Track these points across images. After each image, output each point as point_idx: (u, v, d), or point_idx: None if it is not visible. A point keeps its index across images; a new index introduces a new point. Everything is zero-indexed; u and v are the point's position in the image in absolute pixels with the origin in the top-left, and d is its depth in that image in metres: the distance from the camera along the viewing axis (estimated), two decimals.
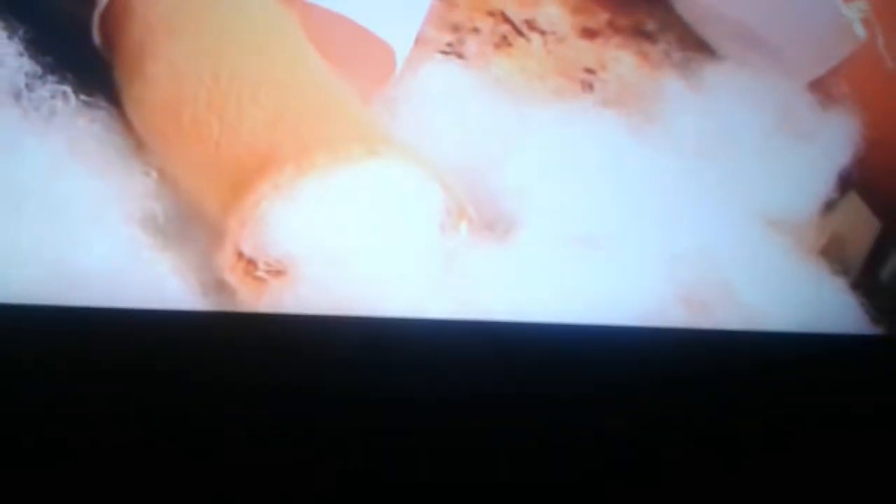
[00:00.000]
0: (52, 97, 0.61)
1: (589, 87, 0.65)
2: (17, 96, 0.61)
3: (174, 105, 0.58)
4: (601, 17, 0.66)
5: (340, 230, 0.57)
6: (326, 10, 0.62)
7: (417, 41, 0.65)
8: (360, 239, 0.57)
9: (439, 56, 0.66)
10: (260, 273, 0.56)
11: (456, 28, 0.66)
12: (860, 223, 0.69)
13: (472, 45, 0.66)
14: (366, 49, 0.63)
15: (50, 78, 0.61)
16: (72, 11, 0.64)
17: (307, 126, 0.57)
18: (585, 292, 0.61)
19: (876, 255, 0.69)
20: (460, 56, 0.66)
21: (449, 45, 0.66)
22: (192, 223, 0.60)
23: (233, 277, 0.56)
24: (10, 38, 0.61)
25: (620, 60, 0.66)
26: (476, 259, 0.59)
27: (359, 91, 0.61)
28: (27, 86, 0.61)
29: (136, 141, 0.61)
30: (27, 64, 0.61)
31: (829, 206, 0.67)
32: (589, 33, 0.66)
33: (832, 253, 0.67)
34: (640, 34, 0.67)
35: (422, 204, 0.58)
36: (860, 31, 0.65)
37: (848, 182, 0.67)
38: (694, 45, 0.67)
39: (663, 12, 0.68)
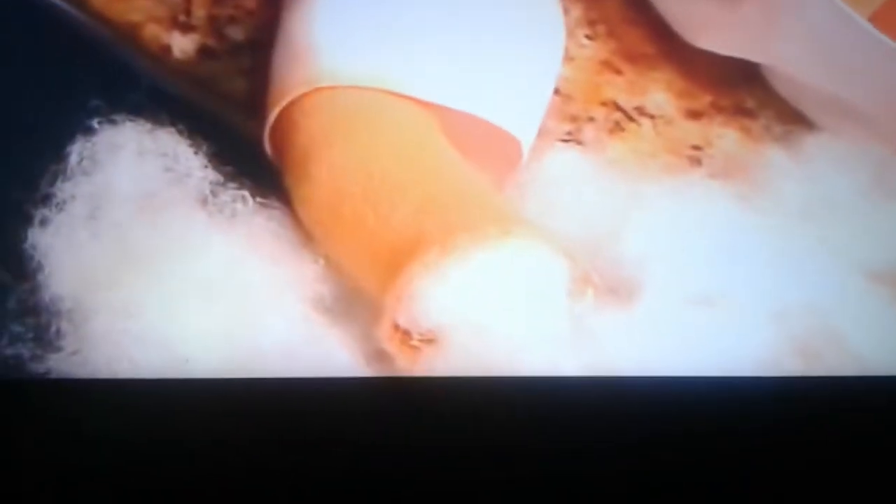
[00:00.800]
0: (234, 201, 0.68)
1: (697, 162, 0.71)
2: (204, 202, 0.69)
3: (335, 202, 0.65)
4: (704, 100, 0.72)
5: (482, 302, 0.63)
6: (459, 111, 0.69)
7: (540, 132, 0.71)
8: (499, 308, 0.63)
9: (560, 144, 0.71)
10: (414, 342, 0.63)
11: (574, 118, 0.71)
12: None
13: (588, 132, 0.72)
14: (495, 142, 0.70)
15: (230, 185, 0.68)
16: (246, 128, 0.73)
17: (449, 213, 0.64)
18: (704, 348, 0.65)
19: None
20: (579, 143, 0.71)
21: (568, 133, 0.71)
22: (354, 302, 0.66)
23: (391, 347, 0.63)
24: (196, 153, 0.69)
25: (725, 136, 0.71)
26: (602, 321, 0.65)
27: (491, 179, 0.67)
28: (212, 192, 0.68)
29: (305, 234, 0.68)
30: (211, 174, 0.69)
31: None
32: (694, 114, 0.71)
33: None
34: (742, 111, 0.72)
35: (551, 275, 0.64)
36: None
37: None
38: (792, 119, 0.72)
39: (762, 90, 0.73)
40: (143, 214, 0.69)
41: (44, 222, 0.68)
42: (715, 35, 0.70)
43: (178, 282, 0.66)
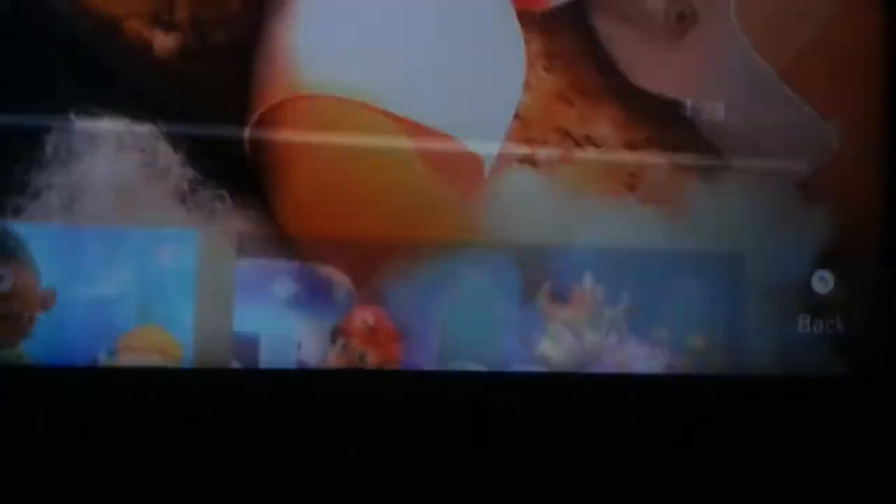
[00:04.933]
0: (212, 199, 0.73)
1: (632, 187, 0.80)
2: (183, 198, 0.73)
3: (311, 203, 0.71)
4: (641, 133, 0.80)
5: (443, 302, 0.71)
6: (428, 127, 0.75)
7: (500, 153, 0.77)
8: (457, 307, 0.72)
9: (517, 164, 0.78)
10: (380, 337, 0.71)
11: (530, 141, 0.78)
12: None
13: (542, 154, 0.78)
14: (460, 157, 0.76)
15: (210, 183, 0.73)
16: (225, 128, 0.75)
17: (416, 222, 0.72)
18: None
19: None
20: (533, 164, 0.78)
21: (525, 155, 0.78)
22: (326, 297, 0.73)
23: (360, 340, 0.71)
24: (175, 150, 0.73)
25: (655, 166, 0.79)
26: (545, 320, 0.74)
27: (455, 191, 0.74)
28: (190, 189, 0.73)
29: (280, 232, 0.73)
30: (190, 172, 0.73)
31: None
32: (631, 145, 0.81)
33: None
34: (671, 146, 0.80)
35: (505, 280, 0.73)
36: (835, 142, 0.80)
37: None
38: (709, 154, 0.81)
39: (686, 129, 0.81)
40: (120, 207, 0.72)
41: (16, 211, 0.71)
42: (650, 76, 0.79)
43: (155, 274, 0.71)
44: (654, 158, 0.79)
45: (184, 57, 0.74)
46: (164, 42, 0.74)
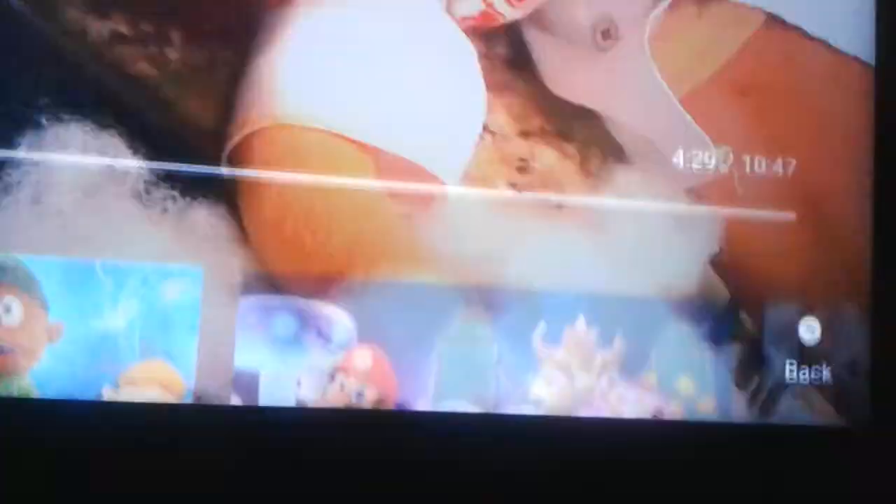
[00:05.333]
0: (164, 199, 0.77)
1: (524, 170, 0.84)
2: (139, 198, 0.78)
3: (279, 221, 0.77)
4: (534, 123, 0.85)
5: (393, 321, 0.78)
6: (395, 155, 0.80)
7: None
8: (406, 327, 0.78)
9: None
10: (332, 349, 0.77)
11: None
12: None
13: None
14: (424, 182, 0.81)
15: (163, 184, 0.77)
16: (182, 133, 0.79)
17: (374, 246, 0.78)
18: None
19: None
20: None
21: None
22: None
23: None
24: (133, 154, 0.78)
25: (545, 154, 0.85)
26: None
27: (415, 213, 0.80)
28: (146, 190, 0.77)
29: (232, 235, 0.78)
30: (146, 174, 0.77)
31: None
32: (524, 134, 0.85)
33: None
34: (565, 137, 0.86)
35: (448, 303, 0.79)
36: (723, 167, 0.87)
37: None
38: (611, 156, 0.86)
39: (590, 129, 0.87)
40: (84, 205, 0.77)
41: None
42: (570, 88, 0.86)
43: (114, 266, 0.76)
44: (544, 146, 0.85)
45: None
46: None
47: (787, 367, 0.86)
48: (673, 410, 0.83)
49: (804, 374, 0.86)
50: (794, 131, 0.88)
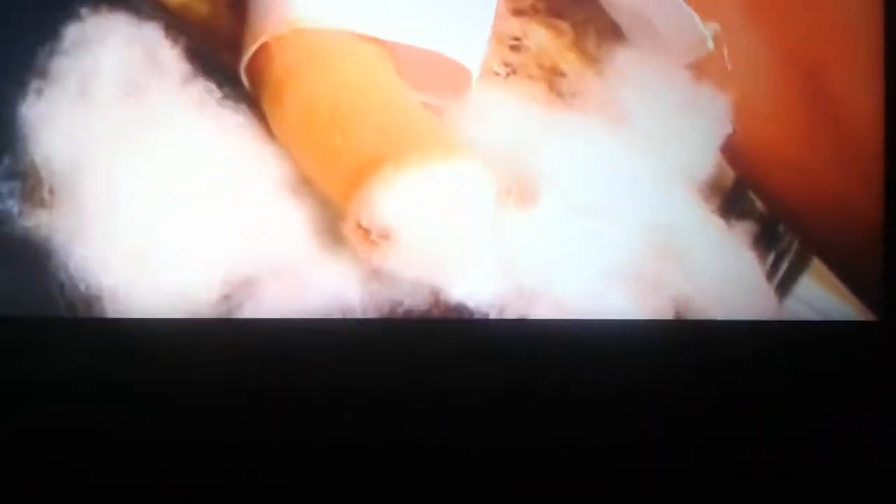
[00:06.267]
0: (203, 92, 0.81)
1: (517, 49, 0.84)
2: (178, 91, 0.81)
3: (306, 125, 0.78)
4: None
5: (427, 208, 0.78)
6: (416, 47, 0.81)
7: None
8: (440, 213, 0.78)
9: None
10: (373, 238, 0.78)
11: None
12: None
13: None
14: (447, 72, 0.82)
15: (200, 78, 0.81)
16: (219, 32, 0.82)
17: (401, 137, 0.78)
18: None
19: None
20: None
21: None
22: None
23: (354, 241, 0.78)
24: (172, 47, 0.81)
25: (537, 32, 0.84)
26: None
27: (440, 105, 0.81)
28: (182, 83, 0.81)
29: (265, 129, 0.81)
30: (185, 67, 0.81)
31: None
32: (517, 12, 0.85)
33: None
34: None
35: (482, 187, 0.80)
36: (710, 44, 0.84)
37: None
38: (609, 36, 0.85)
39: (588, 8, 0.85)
40: (128, 96, 0.80)
41: (39, 92, 0.79)
42: None
43: (158, 156, 0.80)
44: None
45: None
46: None
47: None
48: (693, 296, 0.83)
49: None
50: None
